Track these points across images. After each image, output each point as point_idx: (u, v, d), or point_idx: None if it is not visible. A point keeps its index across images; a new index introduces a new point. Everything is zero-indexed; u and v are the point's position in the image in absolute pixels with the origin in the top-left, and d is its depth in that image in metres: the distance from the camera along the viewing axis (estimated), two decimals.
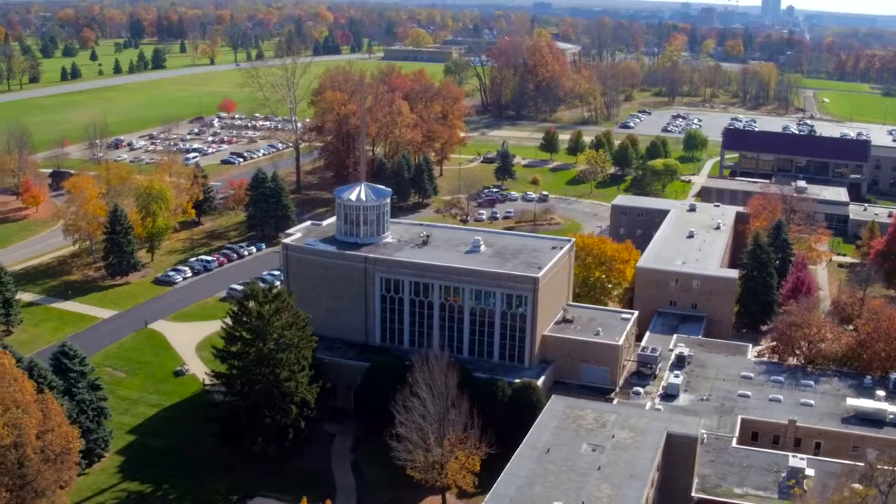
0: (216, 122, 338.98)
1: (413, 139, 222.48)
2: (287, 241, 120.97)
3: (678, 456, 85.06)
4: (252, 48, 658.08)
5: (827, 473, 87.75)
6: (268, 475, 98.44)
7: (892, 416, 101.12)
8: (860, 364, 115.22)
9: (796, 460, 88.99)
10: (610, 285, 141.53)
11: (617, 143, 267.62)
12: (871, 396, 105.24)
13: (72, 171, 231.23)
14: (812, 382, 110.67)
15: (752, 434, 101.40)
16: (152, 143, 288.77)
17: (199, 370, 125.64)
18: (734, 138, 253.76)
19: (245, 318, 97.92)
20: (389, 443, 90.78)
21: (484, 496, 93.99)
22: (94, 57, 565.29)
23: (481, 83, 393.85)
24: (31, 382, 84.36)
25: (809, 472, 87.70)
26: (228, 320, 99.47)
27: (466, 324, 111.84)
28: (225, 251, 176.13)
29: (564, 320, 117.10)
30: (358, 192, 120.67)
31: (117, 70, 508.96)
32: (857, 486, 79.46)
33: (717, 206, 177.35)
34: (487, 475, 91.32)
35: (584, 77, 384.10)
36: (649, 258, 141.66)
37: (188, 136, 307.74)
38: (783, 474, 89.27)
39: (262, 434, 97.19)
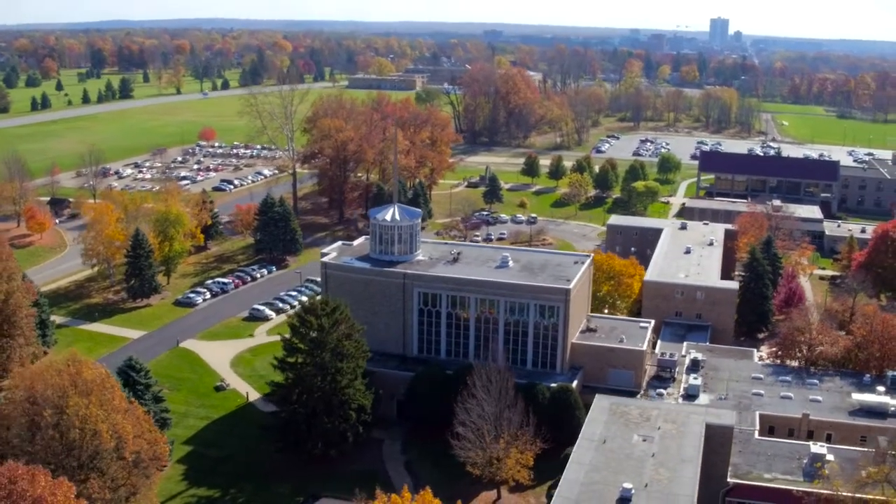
0: (197, 150, 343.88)
1: (407, 165, 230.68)
2: (326, 259, 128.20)
3: (716, 444, 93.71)
4: (216, 78, 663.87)
5: (844, 459, 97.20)
6: (327, 478, 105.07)
7: (893, 409, 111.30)
8: (857, 364, 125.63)
9: (818, 447, 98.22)
10: (618, 299, 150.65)
11: (596, 167, 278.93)
12: (872, 392, 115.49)
13: (70, 199, 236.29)
14: (817, 381, 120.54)
15: (769, 428, 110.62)
16: (140, 171, 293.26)
17: (238, 385, 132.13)
18: (710, 161, 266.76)
19: (305, 331, 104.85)
20: (451, 441, 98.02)
21: (537, 489, 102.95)
22: (59, 87, 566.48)
23: (455, 110, 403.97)
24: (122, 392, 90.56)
25: (830, 457, 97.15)
26: (288, 333, 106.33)
27: (501, 334, 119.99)
28: (238, 274, 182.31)
29: (588, 329, 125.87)
30: (391, 213, 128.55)
31: (86, 100, 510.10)
32: (872, 468, 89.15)
33: (707, 224, 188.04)
34: (537, 471, 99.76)
35: (556, 104, 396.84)
36: (654, 272, 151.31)
37: (173, 164, 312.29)
38: (805, 461, 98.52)
39: (323, 438, 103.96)
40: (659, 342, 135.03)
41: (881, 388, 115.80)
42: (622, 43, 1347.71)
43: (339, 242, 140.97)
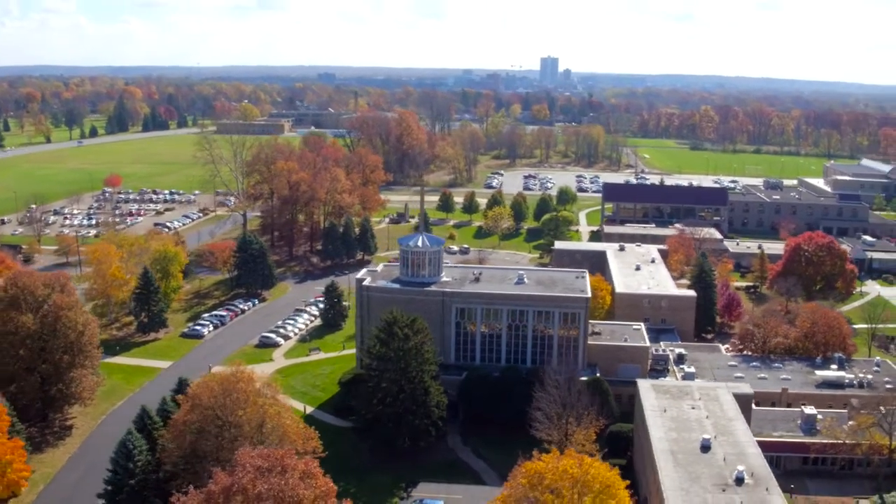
0: (108, 196, 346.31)
1: (352, 202, 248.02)
2: (365, 283, 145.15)
3: (742, 408, 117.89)
4: (78, 126, 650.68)
5: (827, 418, 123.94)
6: (416, 468, 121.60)
7: (847, 381, 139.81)
8: (805, 350, 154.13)
9: (810, 409, 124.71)
10: (594, 309, 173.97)
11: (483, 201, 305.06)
12: (829, 370, 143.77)
13: (22, 245, 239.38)
14: (780, 365, 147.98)
15: (755, 402, 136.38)
16: (66, 218, 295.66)
17: (285, 402, 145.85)
18: (613, 191, 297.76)
19: (390, 340, 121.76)
20: (532, 418, 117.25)
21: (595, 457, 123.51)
22: None
23: (351, 153, 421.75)
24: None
25: (819, 417, 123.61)
26: (375, 342, 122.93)
27: (529, 339, 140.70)
28: (229, 307, 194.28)
29: (594, 332, 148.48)
30: (420, 241, 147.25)
31: None
32: (859, 418, 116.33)
33: (640, 245, 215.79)
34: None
35: (449, 143, 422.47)
36: (621, 286, 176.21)
37: (91, 211, 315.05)
38: (799, 422, 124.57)
39: (410, 434, 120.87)
40: None
41: (834, 367, 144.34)
42: (457, 83, 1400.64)
43: (366, 269, 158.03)
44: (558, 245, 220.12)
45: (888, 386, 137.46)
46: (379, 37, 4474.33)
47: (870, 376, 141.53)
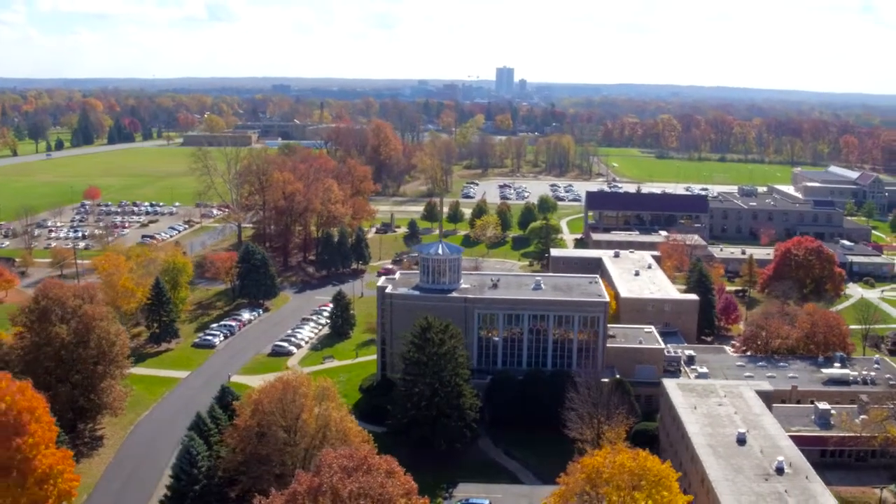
0: (87, 208, 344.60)
1: (345, 213, 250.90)
2: (388, 290, 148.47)
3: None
4: (42, 139, 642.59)
5: (843, 413, 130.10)
6: (452, 469, 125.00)
7: (852, 378, 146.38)
8: (806, 350, 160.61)
9: (824, 404, 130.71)
10: None
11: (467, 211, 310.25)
12: (833, 368, 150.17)
13: (15, 258, 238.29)
14: (786, 364, 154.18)
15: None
16: (51, 231, 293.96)
17: None
18: (596, 199, 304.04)
19: (424, 345, 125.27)
20: (564, 418, 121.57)
21: None
22: None
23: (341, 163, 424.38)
24: None
25: (833, 412, 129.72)
26: (410, 347, 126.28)
27: (550, 343, 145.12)
28: (235, 317, 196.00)
29: (608, 335, 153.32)
30: (440, 249, 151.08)
31: None
32: (872, 412, 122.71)
33: (633, 252, 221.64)
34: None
35: (427, 153, 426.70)
36: (625, 291, 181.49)
37: (74, 223, 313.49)
38: (813, 417, 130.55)
39: (447, 436, 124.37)
40: None
41: (837, 365, 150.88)
42: (414, 94, 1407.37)
43: (384, 277, 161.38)
44: (554, 252, 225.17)
45: (891, 382, 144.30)
46: (331, 48, 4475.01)
47: (872, 374, 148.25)
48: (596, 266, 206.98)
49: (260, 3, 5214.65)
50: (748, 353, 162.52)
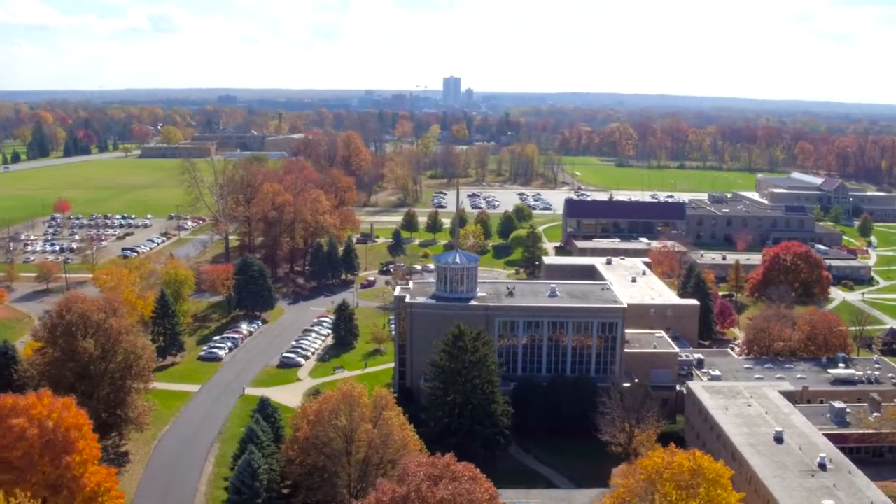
0: (59, 221, 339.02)
1: (333, 223, 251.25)
2: (407, 300, 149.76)
3: None
4: None
5: (861, 411, 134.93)
6: (489, 475, 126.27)
7: (857, 377, 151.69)
8: (807, 352, 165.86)
9: (839, 403, 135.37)
10: None
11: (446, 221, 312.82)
12: (838, 368, 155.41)
13: None
14: (791, 365, 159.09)
15: None
16: (26, 245, 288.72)
17: None
18: (575, 208, 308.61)
19: (458, 353, 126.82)
20: (597, 423, 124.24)
21: None
22: None
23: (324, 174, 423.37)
24: None
25: (848, 410, 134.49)
26: (442, 356, 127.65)
27: (569, 349, 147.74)
28: (236, 329, 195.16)
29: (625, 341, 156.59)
30: (456, 258, 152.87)
31: None
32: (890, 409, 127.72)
33: (623, 259, 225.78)
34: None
35: (397, 163, 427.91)
36: (625, 297, 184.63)
37: (47, 236, 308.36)
38: (829, 415, 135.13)
39: (483, 443, 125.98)
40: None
41: (842, 365, 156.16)
42: (361, 104, 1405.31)
43: (399, 287, 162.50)
44: (547, 260, 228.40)
45: (894, 381, 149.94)
46: (276, 58, 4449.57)
47: (876, 373, 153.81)
48: (590, 273, 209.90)
49: (203, 14, 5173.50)
50: (751, 356, 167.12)
